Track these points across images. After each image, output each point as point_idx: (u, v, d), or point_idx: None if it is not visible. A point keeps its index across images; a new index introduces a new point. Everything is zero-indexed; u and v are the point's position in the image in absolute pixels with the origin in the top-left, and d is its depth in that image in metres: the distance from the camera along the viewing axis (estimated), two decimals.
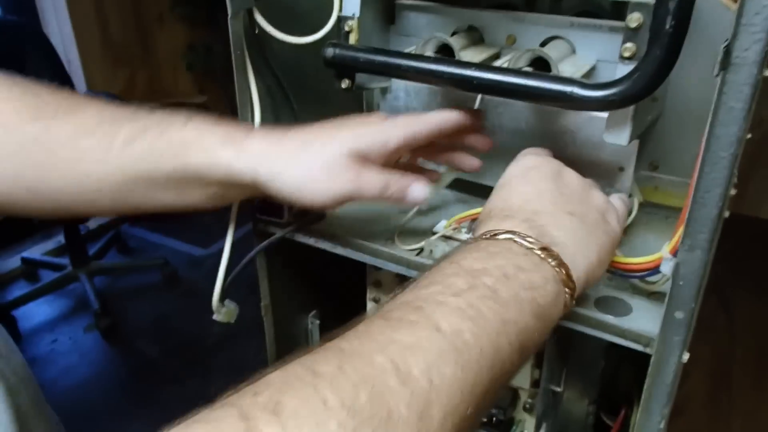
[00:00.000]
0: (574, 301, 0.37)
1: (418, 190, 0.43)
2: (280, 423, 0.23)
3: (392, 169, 0.44)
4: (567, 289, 0.36)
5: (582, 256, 0.38)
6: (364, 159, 0.42)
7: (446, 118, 0.45)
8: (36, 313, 1.92)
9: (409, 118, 0.44)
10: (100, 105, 0.44)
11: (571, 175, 0.42)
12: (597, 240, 0.40)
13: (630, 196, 0.49)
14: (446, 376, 0.28)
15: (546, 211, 0.39)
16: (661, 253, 0.38)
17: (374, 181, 0.42)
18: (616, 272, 0.43)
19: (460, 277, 0.33)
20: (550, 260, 0.36)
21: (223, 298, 0.55)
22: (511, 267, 0.34)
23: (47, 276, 2.00)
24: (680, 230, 0.36)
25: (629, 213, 0.48)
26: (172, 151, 0.42)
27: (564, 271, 0.36)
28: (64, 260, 1.97)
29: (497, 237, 0.37)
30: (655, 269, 0.40)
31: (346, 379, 0.26)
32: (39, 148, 0.42)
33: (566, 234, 0.38)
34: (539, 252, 0.36)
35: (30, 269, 2.10)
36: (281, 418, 0.24)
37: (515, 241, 0.36)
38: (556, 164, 0.43)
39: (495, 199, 0.41)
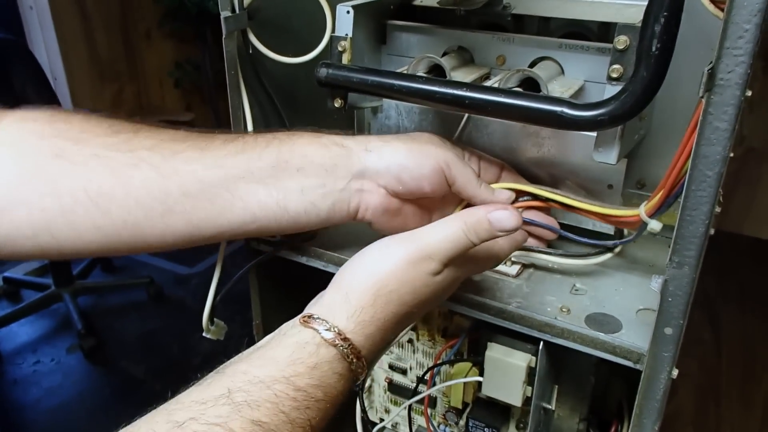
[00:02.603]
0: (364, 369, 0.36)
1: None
2: None
3: None
4: (355, 368, 0.35)
5: (386, 339, 0.38)
6: None
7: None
8: (18, 333, 1.88)
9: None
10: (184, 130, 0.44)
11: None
12: (414, 317, 0.40)
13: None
14: None
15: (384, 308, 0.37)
16: (638, 210, 0.40)
17: (466, 166, 0.45)
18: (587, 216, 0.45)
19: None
20: (348, 356, 0.35)
21: (212, 315, 0.54)
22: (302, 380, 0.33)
23: (30, 296, 1.97)
24: (659, 194, 0.37)
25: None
26: (279, 139, 0.43)
27: (355, 360, 0.35)
28: (47, 280, 1.94)
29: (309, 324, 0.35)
30: (631, 226, 0.42)
31: None
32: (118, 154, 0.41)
33: (383, 332, 0.37)
34: (340, 348, 0.35)
35: (12, 289, 2.06)
36: None
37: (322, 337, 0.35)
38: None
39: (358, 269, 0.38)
